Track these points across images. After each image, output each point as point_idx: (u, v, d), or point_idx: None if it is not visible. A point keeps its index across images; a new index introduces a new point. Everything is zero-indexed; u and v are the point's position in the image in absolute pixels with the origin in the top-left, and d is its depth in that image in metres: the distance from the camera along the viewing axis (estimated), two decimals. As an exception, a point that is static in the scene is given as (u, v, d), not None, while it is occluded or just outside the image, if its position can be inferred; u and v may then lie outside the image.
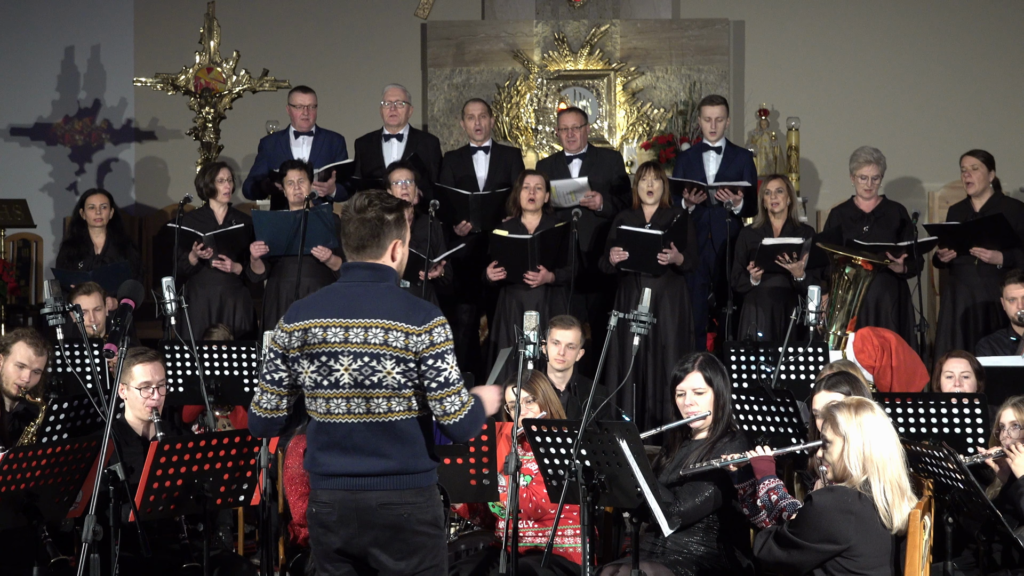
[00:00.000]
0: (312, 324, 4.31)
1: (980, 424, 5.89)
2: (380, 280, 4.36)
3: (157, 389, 5.80)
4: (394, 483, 4.29)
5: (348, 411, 4.30)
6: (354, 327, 4.29)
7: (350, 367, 4.28)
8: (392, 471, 4.29)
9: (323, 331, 4.30)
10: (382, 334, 4.27)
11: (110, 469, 4.71)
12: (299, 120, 9.69)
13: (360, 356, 4.28)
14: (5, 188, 11.70)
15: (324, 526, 4.34)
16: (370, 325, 4.28)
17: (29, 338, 6.39)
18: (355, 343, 4.28)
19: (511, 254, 8.69)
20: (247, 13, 11.80)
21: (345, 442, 4.30)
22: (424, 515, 4.32)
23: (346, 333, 4.29)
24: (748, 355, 7.29)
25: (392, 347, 4.26)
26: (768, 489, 5.14)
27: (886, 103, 11.66)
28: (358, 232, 4.35)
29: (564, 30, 11.65)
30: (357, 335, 4.28)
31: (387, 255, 4.38)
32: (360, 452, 4.29)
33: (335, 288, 4.42)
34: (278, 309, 8.91)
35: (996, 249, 8.83)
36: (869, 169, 9.08)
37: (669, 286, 8.83)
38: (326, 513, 4.32)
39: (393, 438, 4.30)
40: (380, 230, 4.35)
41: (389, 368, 4.27)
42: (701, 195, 9.31)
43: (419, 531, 4.31)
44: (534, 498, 5.70)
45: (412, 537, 4.30)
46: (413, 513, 4.30)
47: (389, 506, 4.28)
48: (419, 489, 4.33)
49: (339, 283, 4.42)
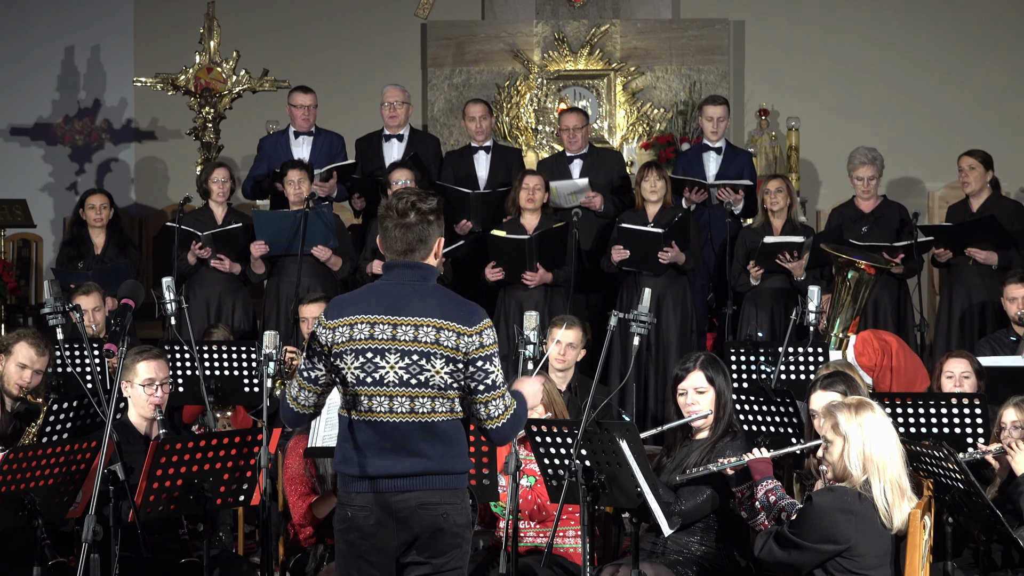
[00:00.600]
0: (358, 320, 4.28)
1: (980, 424, 5.89)
2: (424, 279, 4.33)
3: (161, 387, 5.78)
4: (433, 483, 4.26)
5: (391, 409, 4.26)
6: (403, 325, 4.26)
7: (396, 365, 4.25)
8: (432, 471, 4.26)
9: (370, 327, 4.26)
10: (433, 333, 4.24)
11: (110, 469, 4.70)
12: (299, 120, 9.69)
13: (409, 354, 4.25)
14: (5, 188, 11.70)
15: (359, 530, 4.28)
16: (421, 324, 4.25)
17: (31, 338, 6.38)
18: (404, 340, 4.25)
19: (509, 254, 8.69)
20: (247, 13, 11.80)
21: (385, 441, 4.26)
22: (460, 517, 4.30)
23: (394, 331, 4.25)
24: (748, 355, 7.29)
25: (443, 346, 4.24)
26: (766, 490, 5.14)
27: (886, 103, 11.66)
28: (404, 238, 4.31)
29: (564, 30, 11.65)
30: (406, 333, 4.25)
31: (431, 255, 4.36)
32: (400, 452, 4.25)
33: (380, 286, 4.37)
34: (278, 309, 8.91)
35: (991, 250, 8.83)
36: (864, 170, 9.09)
37: (671, 286, 8.82)
38: (363, 517, 4.27)
39: (434, 438, 4.27)
40: (426, 233, 4.32)
41: (438, 367, 4.24)
42: (702, 194, 9.31)
43: (454, 532, 4.29)
44: (539, 500, 5.70)
45: (447, 538, 4.27)
46: (450, 514, 4.28)
47: (428, 506, 4.25)
48: (456, 490, 4.30)
49: (383, 282, 4.37)
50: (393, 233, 4.32)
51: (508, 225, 8.86)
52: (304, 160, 9.41)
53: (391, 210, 4.32)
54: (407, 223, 4.30)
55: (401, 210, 4.31)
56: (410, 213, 4.30)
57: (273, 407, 5.07)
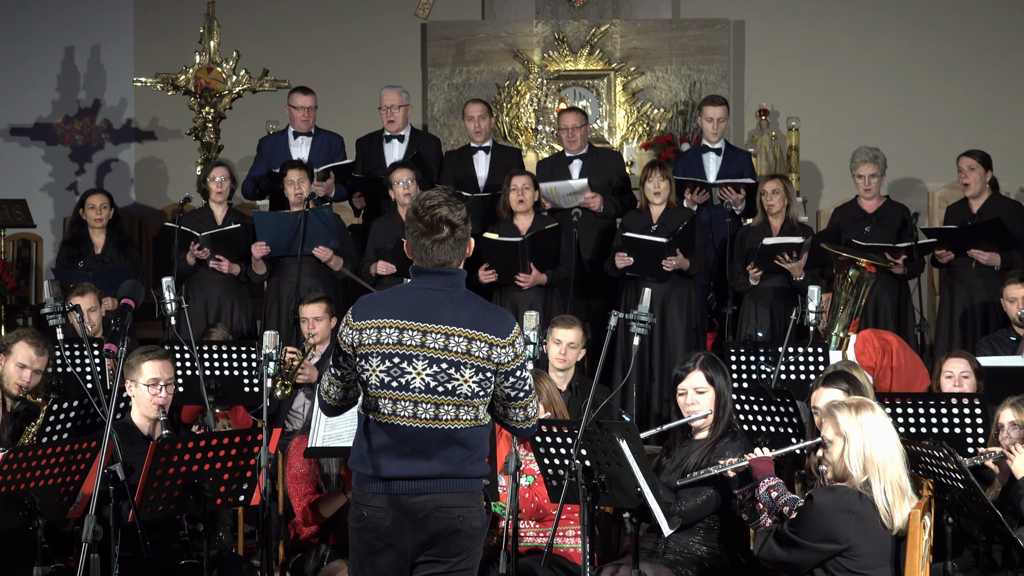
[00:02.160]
0: (387, 324, 4.24)
1: (980, 424, 5.89)
2: (456, 286, 4.28)
3: (165, 387, 5.76)
4: (449, 486, 4.25)
5: (414, 415, 4.23)
6: (432, 332, 4.22)
7: (423, 371, 4.22)
8: (449, 475, 4.25)
9: (399, 332, 4.22)
10: (465, 343, 4.21)
11: (110, 469, 4.71)
12: (299, 121, 9.68)
13: (438, 362, 4.21)
14: (5, 188, 11.70)
15: (374, 530, 4.27)
16: (452, 333, 4.21)
17: (30, 338, 6.39)
18: (433, 348, 4.21)
19: (501, 257, 8.66)
20: (247, 13, 11.80)
21: (405, 446, 4.24)
22: (476, 520, 4.31)
23: (423, 337, 4.22)
24: (748, 355, 7.29)
25: (475, 356, 4.21)
26: (768, 487, 5.14)
27: (886, 103, 11.65)
28: (440, 253, 4.24)
29: (564, 30, 11.65)
30: (436, 341, 4.21)
31: (462, 261, 4.31)
32: (418, 456, 4.23)
33: (409, 290, 4.31)
34: (279, 309, 8.91)
35: (994, 251, 8.83)
36: (866, 168, 9.08)
37: (676, 288, 8.79)
38: (380, 517, 4.25)
39: (455, 445, 4.25)
40: (460, 245, 4.27)
41: (467, 376, 4.22)
42: (703, 194, 9.30)
43: (470, 534, 4.29)
44: (536, 498, 5.70)
45: (462, 540, 4.27)
46: (466, 517, 4.27)
47: (444, 509, 4.24)
48: (472, 493, 4.30)
49: (413, 286, 4.30)
50: (427, 248, 4.24)
51: (500, 227, 8.83)
52: (304, 160, 9.41)
53: (420, 223, 4.23)
54: (440, 239, 4.23)
55: (433, 224, 4.22)
56: (443, 227, 4.22)
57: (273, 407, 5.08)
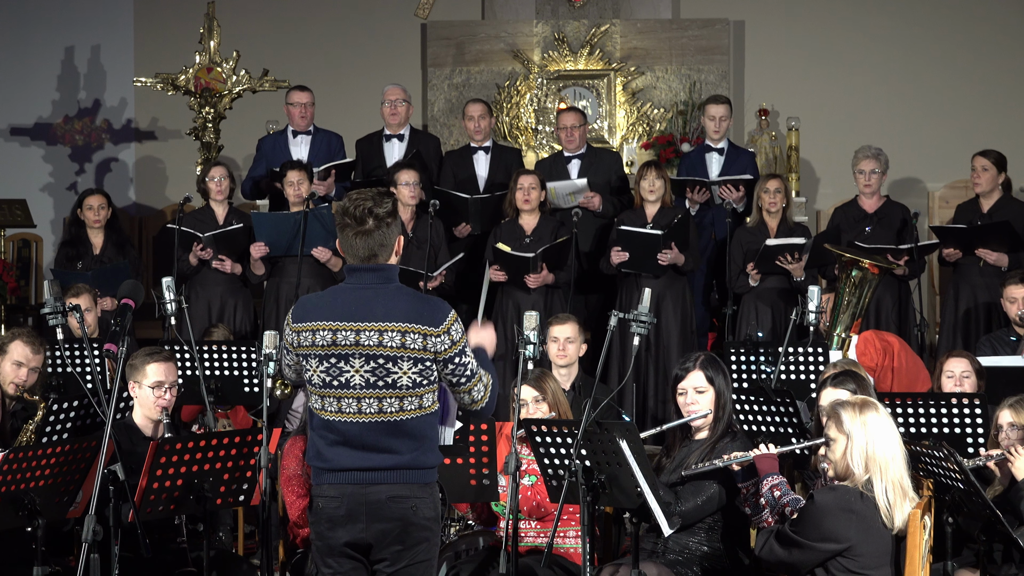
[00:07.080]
0: (320, 326, 4.36)
1: (980, 424, 5.88)
2: (387, 281, 4.40)
3: (169, 389, 5.76)
4: (403, 477, 4.35)
5: (359, 411, 4.35)
6: (366, 330, 4.33)
7: (362, 369, 4.33)
8: (402, 465, 4.35)
9: (332, 334, 4.34)
10: (399, 337, 4.32)
11: (110, 469, 4.71)
12: (297, 118, 9.68)
13: (374, 358, 4.33)
14: (5, 188, 11.70)
15: (331, 520, 4.37)
16: (385, 328, 4.32)
17: (26, 337, 6.40)
18: (368, 346, 4.32)
19: (514, 270, 8.66)
20: (247, 13, 11.80)
21: (355, 441, 4.35)
22: (428, 510, 4.39)
23: (357, 336, 4.33)
24: (748, 355, 7.29)
25: (410, 349, 4.32)
26: (771, 486, 5.14)
27: (886, 103, 11.65)
28: (366, 245, 4.37)
29: (564, 30, 11.64)
30: (370, 338, 4.32)
31: (393, 255, 4.42)
32: (370, 449, 4.34)
33: (342, 290, 4.43)
34: (278, 310, 8.90)
35: (1002, 252, 8.82)
36: (868, 163, 9.07)
37: (671, 287, 8.81)
38: (334, 508, 4.36)
39: (403, 435, 4.36)
40: (386, 236, 4.39)
41: (406, 369, 4.33)
42: (705, 194, 9.30)
43: (424, 525, 4.37)
44: (538, 497, 5.70)
45: (417, 531, 4.36)
46: (419, 507, 4.36)
47: (398, 499, 4.33)
48: (425, 484, 4.39)
49: (346, 285, 4.43)
50: (354, 241, 4.38)
51: (505, 226, 8.82)
52: (303, 160, 9.41)
53: (348, 217, 4.38)
54: (366, 230, 4.36)
55: (359, 217, 4.36)
56: (368, 220, 4.36)
57: (273, 407, 5.09)
